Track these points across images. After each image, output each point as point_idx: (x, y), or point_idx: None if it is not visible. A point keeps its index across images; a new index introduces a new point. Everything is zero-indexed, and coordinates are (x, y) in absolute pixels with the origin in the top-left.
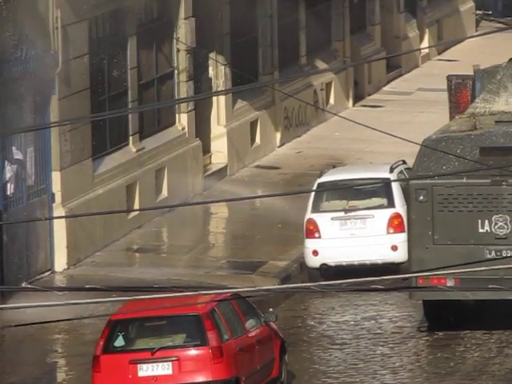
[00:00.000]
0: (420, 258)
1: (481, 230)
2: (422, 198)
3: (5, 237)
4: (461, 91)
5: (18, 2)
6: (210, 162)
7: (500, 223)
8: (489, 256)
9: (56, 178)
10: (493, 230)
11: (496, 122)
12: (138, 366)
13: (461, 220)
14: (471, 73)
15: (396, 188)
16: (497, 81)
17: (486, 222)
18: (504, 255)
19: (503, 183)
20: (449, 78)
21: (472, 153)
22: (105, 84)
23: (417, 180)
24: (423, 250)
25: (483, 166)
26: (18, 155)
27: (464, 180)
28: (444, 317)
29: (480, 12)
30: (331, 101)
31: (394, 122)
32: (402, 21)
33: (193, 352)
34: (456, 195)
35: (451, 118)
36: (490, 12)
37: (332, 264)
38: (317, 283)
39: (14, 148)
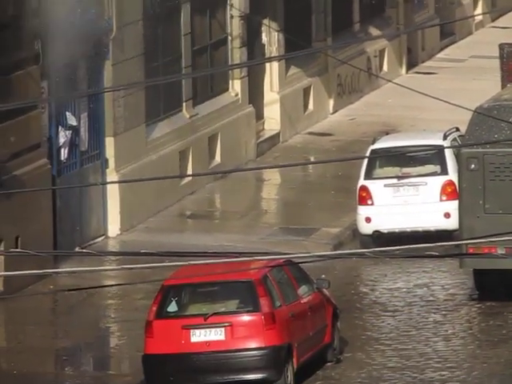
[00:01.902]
0: (471, 226)
1: None
2: (473, 166)
3: (58, 202)
4: None
5: None
6: (263, 129)
7: None
8: None
9: (109, 143)
10: None
11: None
12: (191, 331)
13: None
14: None
15: (449, 155)
16: None
17: None
18: None
19: None
20: (501, 47)
21: None
22: (158, 50)
23: (468, 148)
24: (474, 219)
25: None
26: (71, 121)
27: None
28: (494, 286)
29: None
30: (384, 68)
31: (448, 89)
32: None
33: (245, 318)
34: (508, 164)
35: (503, 86)
36: None
37: (384, 231)
38: (370, 249)
39: (68, 114)
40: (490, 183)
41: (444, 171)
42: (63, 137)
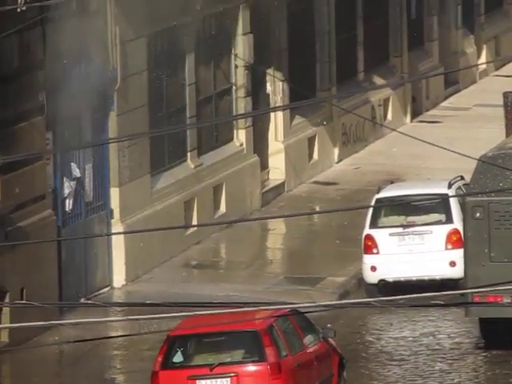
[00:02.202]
0: (476, 275)
1: None
2: (478, 215)
3: (64, 253)
4: None
5: (78, 19)
6: (268, 178)
7: None
8: None
9: (114, 194)
10: None
11: None
12: (197, 381)
13: None
14: None
15: (454, 204)
16: None
17: None
18: None
19: None
20: (505, 95)
21: None
22: (163, 100)
23: (473, 197)
24: (479, 268)
25: None
26: (76, 172)
27: None
28: (500, 335)
29: None
30: (389, 116)
31: (452, 137)
32: (460, 37)
33: (251, 368)
34: None
35: (508, 134)
36: None
37: (390, 280)
38: (376, 299)
39: (72, 164)
40: (495, 232)
41: (449, 220)
42: (68, 188)
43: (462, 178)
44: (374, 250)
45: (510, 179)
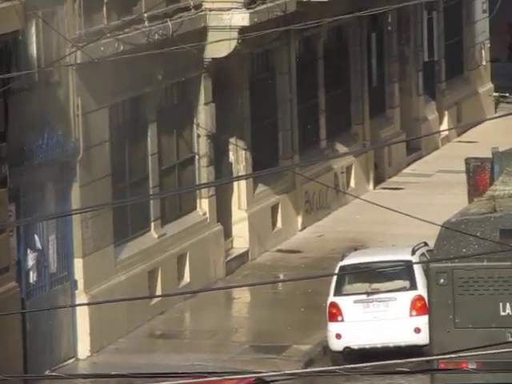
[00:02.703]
0: (441, 341)
1: (502, 313)
2: (442, 281)
3: (28, 325)
4: (479, 174)
5: (40, 90)
6: (232, 247)
7: None
8: (510, 339)
9: (78, 264)
10: None
11: None
12: None
13: (482, 303)
14: (490, 155)
15: (418, 270)
16: None
17: (508, 304)
18: None
19: None
20: (467, 161)
21: (492, 235)
22: (126, 170)
23: (437, 263)
24: (444, 334)
25: (504, 248)
26: (39, 244)
27: (484, 263)
28: None
29: (496, 94)
30: (352, 184)
31: (415, 204)
32: (422, 103)
33: None
34: (476, 278)
35: (470, 200)
36: (507, 94)
37: (355, 347)
38: (342, 366)
39: (36, 236)
40: (459, 297)
41: (413, 286)
42: (32, 259)
43: (426, 244)
44: (339, 318)
45: (473, 245)
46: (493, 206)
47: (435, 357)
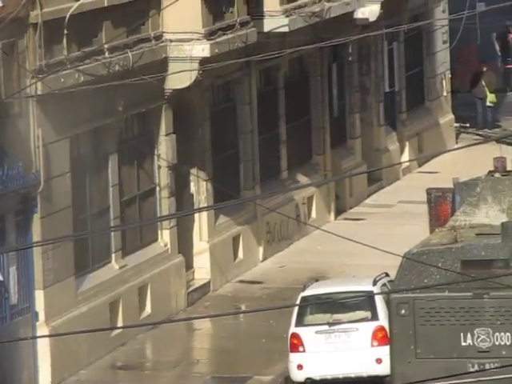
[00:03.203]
0: (403, 372)
1: (463, 344)
2: (403, 311)
3: None
4: (441, 204)
5: (0, 120)
6: (193, 278)
7: (482, 336)
8: (472, 369)
9: (39, 296)
10: (475, 343)
11: (477, 234)
12: None
13: (443, 334)
14: (451, 185)
15: (379, 301)
16: (476, 193)
17: (469, 335)
18: (487, 368)
19: (485, 296)
20: (428, 192)
21: (453, 266)
22: (87, 202)
23: (398, 294)
24: (406, 365)
25: (465, 279)
26: (0, 275)
27: (446, 293)
28: None
29: (457, 124)
30: (313, 214)
31: (376, 234)
32: (383, 134)
33: None
34: (438, 309)
35: (431, 231)
36: (468, 124)
37: (317, 378)
38: None
39: None
40: (420, 328)
41: (375, 317)
42: None
43: (387, 274)
44: (301, 348)
45: (435, 275)
46: (454, 237)
47: None
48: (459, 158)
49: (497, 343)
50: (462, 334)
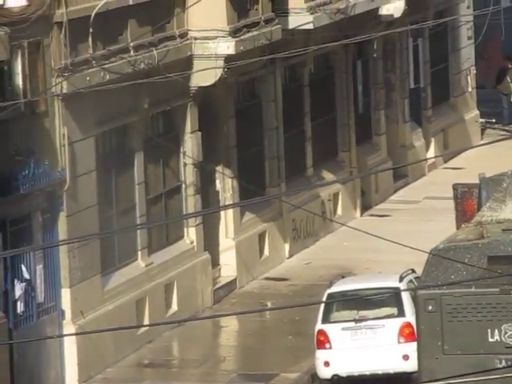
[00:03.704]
0: (430, 368)
1: (491, 340)
2: (430, 308)
3: (15, 355)
4: (467, 200)
5: (26, 119)
6: (220, 275)
7: (510, 332)
8: (499, 365)
9: (65, 295)
10: (503, 339)
11: (503, 230)
12: None
13: (470, 330)
14: (477, 181)
15: (406, 297)
16: (503, 189)
17: (496, 331)
18: None
19: None
20: (455, 187)
21: (480, 262)
22: (112, 200)
23: (425, 290)
24: (433, 361)
25: (492, 275)
26: (26, 274)
27: (472, 289)
28: None
29: (483, 120)
30: (339, 211)
31: (402, 231)
32: (408, 130)
33: None
34: (465, 305)
35: (458, 226)
36: (494, 120)
37: (344, 375)
38: None
39: (23, 266)
40: (447, 324)
41: (401, 313)
42: (19, 290)
43: (413, 271)
44: (327, 345)
45: (461, 272)
46: (480, 233)
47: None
48: (484, 154)
49: None
50: (489, 330)
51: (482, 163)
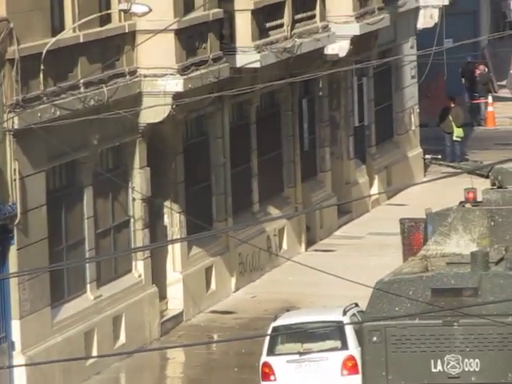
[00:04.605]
0: None
1: (434, 370)
2: (375, 339)
3: None
4: (414, 234)
5: None
6: (167, 308)
7: (452, 363)
8: None
9: (15, 326)
10: (445, 369)
11: (447, 263)
12: None
13: (414, 360)
14: (423, 216)
15: (349, 330)
16: (448, 223)
17: (439, 361)
18: None
19: (455, 324)
20: (402, 222)
21: (424, 294)
22: (62, 233)
23: (370, 322)
24: None
25: (435, 308)
26: None
27: (416, 321)
28: None
29: (429, 156)
30: (284, 246)
31: (346, 265)
32: (352, 167)
33: None
34: (409, 336)
35: (405, 260)
36: (439, 156)
37: None
38: None
39: None
40: (392, 355)
41: (344, 346)
42: None
43: (357, 304)
44: (272, 377)
45: (406, 304)
46: (425, 266)
47: None
48: (427, 190)
49: (466, 369)
50: (432, 361)
51: (425, 200)
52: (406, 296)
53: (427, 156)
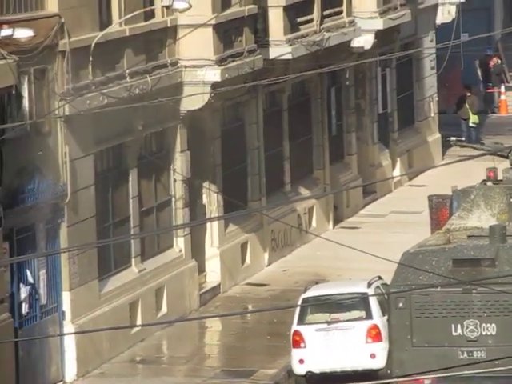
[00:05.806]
0: (400, 359)
1: (454, 334)
2: (401, 305)
3: (20, 352)
4: (441, 209)
5: (32, 139)
6: (205, 281)
7: (471, 327)
8: (461, 357)
9: (66, 297)
10: (465, 333)
11: (468, 236)
12: None
13: (436, 325)
14: (449, 193)
15: (373, 301)
16: (470, 200)
17: (459, 326)
18: (475, 356)
19: (473, 291)
20: (430, 198)
21: (446, 264)
22: (109, 212)
23: (396, 289)
24: (403, 352)
25: (455, 278)
26: (31, 278)
27: (438, 289)
28: None
29: (454, 139)
30: (313, 224)
31: (371, 241)
32: (376, 151)
33: None
34: (431, 302)
35: (432, 232)
36: (463, 138)
37: (317, 371)
38: None
39: (27, 271)
40: (416, 320)
41: (369, 316)
42: (24, 292)
43: (380, 277)
44: (302, 345)
45: (428, 273)
46: (448, 238)
47: (391, 379)
48: (445, 172)
49: (484, 333)
50: (452, 325)
51: (443, 181)
52: (423, 270)
53: (452, 138)
